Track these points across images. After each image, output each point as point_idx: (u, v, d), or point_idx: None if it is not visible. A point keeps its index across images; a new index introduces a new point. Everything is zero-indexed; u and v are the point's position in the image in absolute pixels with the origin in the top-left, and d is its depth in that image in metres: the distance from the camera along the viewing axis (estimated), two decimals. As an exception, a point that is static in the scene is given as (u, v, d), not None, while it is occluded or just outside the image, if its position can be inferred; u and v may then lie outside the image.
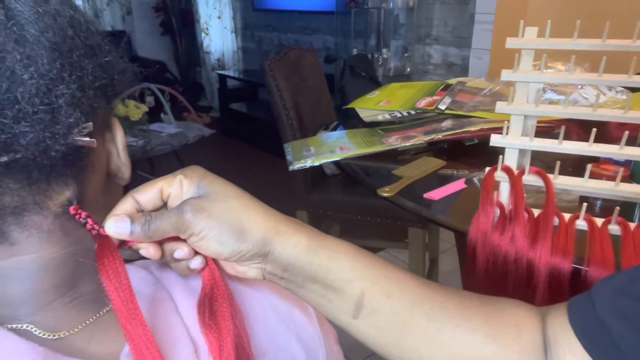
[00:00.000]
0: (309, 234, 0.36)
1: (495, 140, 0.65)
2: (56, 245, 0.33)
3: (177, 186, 0.35)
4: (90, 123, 0.31)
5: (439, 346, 0.35)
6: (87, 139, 0.31)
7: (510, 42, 0.64)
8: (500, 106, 0.65)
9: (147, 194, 0.35)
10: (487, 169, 0.66)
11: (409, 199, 0.82)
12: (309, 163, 1.00)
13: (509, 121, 0.66)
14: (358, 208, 1.58)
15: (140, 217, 0.34)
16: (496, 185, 0.66)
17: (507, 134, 0.65)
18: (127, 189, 0.40)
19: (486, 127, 0.96)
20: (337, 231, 1.77)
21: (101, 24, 4.03)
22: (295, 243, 0.35)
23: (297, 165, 1.00)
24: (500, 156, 0.66)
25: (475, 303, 0.37)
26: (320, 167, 1.61)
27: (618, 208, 0.61)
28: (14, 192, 0.30)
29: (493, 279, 0.64)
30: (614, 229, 0.62)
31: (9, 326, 0.31)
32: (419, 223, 1.48)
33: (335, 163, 1.02)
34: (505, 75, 0.65)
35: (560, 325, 0.35)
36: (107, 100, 0.34)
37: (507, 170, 0.65)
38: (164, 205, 0.36)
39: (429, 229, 1.63)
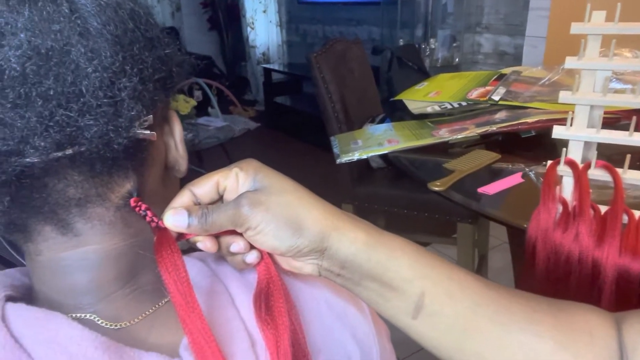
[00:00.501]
0: (368, 231, 0.35)
1: (558, 132, 0.61)
2: (117, 236, 0.33)
3: (233, 179, 0.35)
4: (151, 116, 0.32)
5: (504, 352, 0.33)
6: (148, 131, 0.31)
7: (576, 27, 0.60)
8: (565, 96, 0.61)
9: (204, 187, 0.35)
10: (549, 162, 0.62)
11: (461, 194, 0.79)
12: (356, 156, 0.99)
13: (572, 112, 0.62)
14: (404, 202, 1.55)
15: (198, 210, 0.34)
16: (558, 180, 0.62)
17: (571, 125, 0.61)
18: (182, 181, 0.40)
19: (544, 119, 0.91)
20: (382, 225, 1.75)
21: (152, 21, 4.15)
22: (353, 239, 0.34)
23: (344, 158, 0.99)
24: (564, 149, 0.62)
25: (543, 307, 0.35)
26: (366, 160, 1.59)
27: (696, 206, 0.56)
28: (77, 184, 0.30)
29: (554, 279, 0.61)
30: (692, 228, 0.57)
31: (73, 315, 0.32)
32: (469, 218, 1.43)
33: (383, 156, 1.01)
34: (570, 62, 0.61)
35: (639, 333, 0.33)
36: (166, 92, 0.34)
37: (571, 163, 0.61)
38: (220, 198, 0.36)
39: (479, 225, 1.58)
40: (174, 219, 0.33)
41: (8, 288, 0.34)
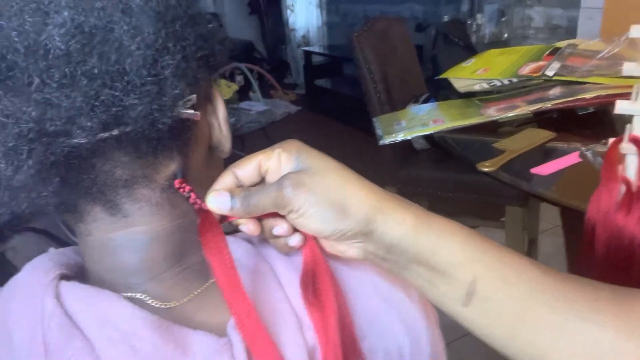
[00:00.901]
0: (416, 212, 0.33)
1: (622, 107, 0.57)
2: (165, 217, 0.33)
3: (276, 160, 0.34)
4: (194, 95, 0.31)
5: (562, 341, 0.31)
6: (192, 111, 0.31)
7: (644, -9, 0.55)
8: (629, 68, 0.56)
9: (246, 168, 0.34)
10: (611, 139, 0.58)
11: (512, 175, 0.75)
12: (400, 137, 0.96)
13: (638, 85, 0.57)
14: (450, 184, 1.51)
15: (240, 192, 0.33)
16: (621, 159, 0.58)
17: (636, 100, 0.57)
18: (226, 162, 0.40)
19: (604, 94, 0.85)
20: (426, 208, 1.71)
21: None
22: (400, 222, 0.32)
23: (387, 140, 0.96)
24: (628, 125, 0.57)
25: (605, 295, 0.32)
26: (409, 142, 1.55)
27: None
28: (124, 165, 0.31)
29: (615, 264, 0.57)
30: None
31: (124, 294, 0.33)
32: (519, 201, 1.38)
33: (427, 137, 0.98)
34: (636, 30, 0.56)
35: None
36: (209, 71, 0.34)
37: (636, 141, 0.56)
38: (262, 180, 0.35)
39: (529, 207, 1.52)
40: (217, 200, 0.33)
41: (63, 267, 0.35)
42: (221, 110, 0.37)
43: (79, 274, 0.36)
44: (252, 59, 4.26)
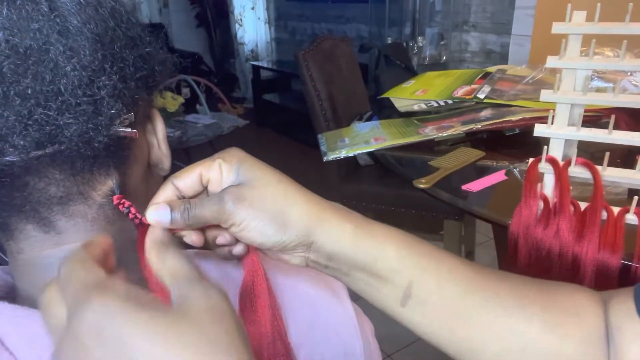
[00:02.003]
0: (356, 222, 0.34)
1: (539, 130, 0.62)
2: (99, 233, 0.33)
3: (217, 171, 0.34)
4: (132, 114, 0.32)
5: (494, 337, 0.34)
6: (129, 129, 0.31)
7: (557, 27, 0.61)
8: (546, 94, 0.62)
9: (187, 180, 0.34)
10: (531, 159, 0.63)
11: (446, 191, 0.80)
12: (343, 154, 0.99)
13: (554, 110, 0.63)
14: (392, 199, 1.56)
15: (180, 205, 0.33)
16: (540, 177, 0.63)
17: (552, 123, 0.62)
18: (166, 179, 0.40)
19: (528, 117, 0.92)
20: (371, 222, 1.76)
21: (139, 17, 4.12)
22: (340, 232, 0.34)
23: (331, 156, 0.99)
24: (545, 147, 0.63)
25: (531, 289, 0.35)
26: (353, 157, 1.60)
27: (673, 202, 0.58)
28: (59, 183, 0.30)
29: (535, 274, 0.62)
30: (668, 224, 0.58)
31: None
32: (455, 215, 1.45)
33: (370, 154, 1.01)
34: (551, 61, 0.62)
35: (625, 312, 0.33)
36: (148, 91, 0.34)
37: (552, 161, 0.62)
38: (205, 190, 0.35)
39: (465, 221, 1.60)
40: (157, 214, 0.33)
41: None
42: (160, 129, 0.37)
43: (9, 293, 0.35)
44: (199, 72, 4.21)
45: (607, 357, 0.33)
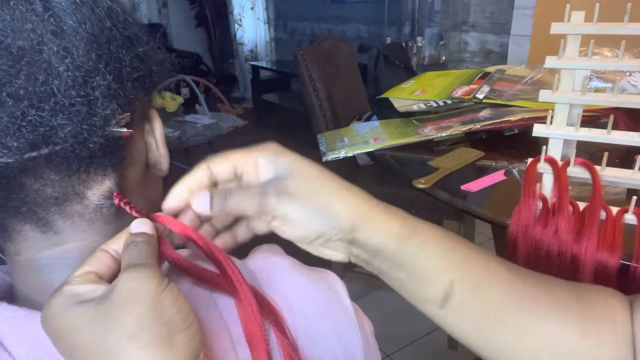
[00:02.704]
0: (402, 220, 0.34)
1: (538, 130, 0.62)
2: (97, 233, 0.33)
3: (252, 165, 0.34)
4: (128, 114, 0.31)
5: (530, 341, 0.33)
6: (124, 129, 0.31)
7: (556, 27, 0.61)
8: (544, 94, 0.62)
9: (222, 166, 0.34)
10: (530, 160, 0.64)
11: (446, 191, 0.80)
12: (342, 154, 0.99)
13: (553, 110, 0.63)
14: (391, 199, 1.53)
15: (219, 192, 0.33)
16: (539, 177, 0.63)
17: (551, 123, 0.63)
18: (165, 180, 0.40)
19: (527, 117, 0.92)
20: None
21: (138, 17, 4.13)
22: (387, 229, 0.33)
23: (330, 156, 0.99)
24: (544, 147, 0.63)
25: (568, 294, 0.35)
26: (353, 158, 1.59)
27: (671, 202, 0.58)
28: (55, 184, 0.30)
29: (534, 274, 0.62)
30: (667, 223, 0.58)
31: None
32: (454, 215, 1.45)
33: (369, 154, 1.01)
34: (550, 62, 0.62)
35: None
36: (145, 91, 0.34)
37: (551, 161, 0.62)
38: (237, 180, 0.35)
39: (465, 221, 1.60)
40: (198, 200, 0.33)
41: None
42: (158, 129, 0.37)
43: (7, 294, 0.35)
44: (198, 72, 4.20)
45: None
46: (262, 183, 0.33)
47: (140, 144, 0.35)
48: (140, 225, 0.31)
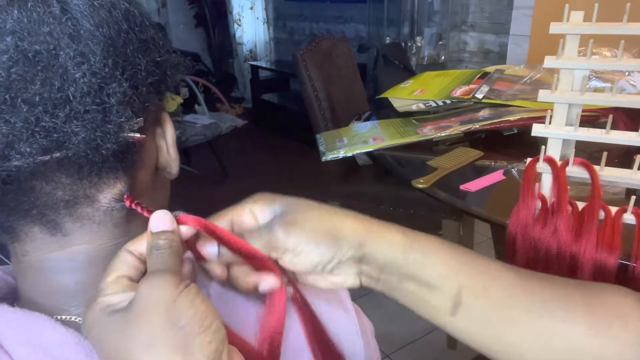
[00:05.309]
0: (402, 231, 0.35)
1: (537, 130, 0.62)
2: (105, 236, 0.33)
3: (248, 215, 0.35)
4: (141, 119, 0.31)
5: (540, 341, 0.34)
6: (137, 134, 0.31)
7: (555, 27, 0.61)
8: (543, 94, 0.62)
9: (220, 225, 0.34)
10: (528, 159, 0.64)
11: (445, 191, 0.80)
12: (341, 154, 0.99)
13: (552, 110, 0.63)
14: (390, 199, 1.57)
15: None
16: (537, 177, 0.63)
17: (550, 123, 0.63)
18: (172, 183, 0.40)
19: (526, 117, 0.92)
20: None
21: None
22: (390, 242, 0.34)
23: (329, 156, 0.99)
24: (543, 146, 0.63)
25: (575, 292, 0.35)
26: (352, 157, 1.60)
27: (670, 201, 0.58)
28: (66, 187, 0.30)
29: (533, 273, 0.62)
30: (665, 223, 0.58)
31: (58, 317, 0.32)
32: (454, 215, 1.45)
33: (368, 154, 1.01)
34: (549, 61, 0.62)
35: None
36: (159, 96, 0.34)
37: (550, 161, 0.62)
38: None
39: (464, 221, 1.60)
40: (206, 249, 0.33)
41: None
42: (170, 133, 0.36)
43: (9, 295, 0.35)
44: (197, 72, 4.20)
45: None
46: (266, 223, 0.34)
47: (151, 147, 0.35)
48: (159, 222, 0.31)
